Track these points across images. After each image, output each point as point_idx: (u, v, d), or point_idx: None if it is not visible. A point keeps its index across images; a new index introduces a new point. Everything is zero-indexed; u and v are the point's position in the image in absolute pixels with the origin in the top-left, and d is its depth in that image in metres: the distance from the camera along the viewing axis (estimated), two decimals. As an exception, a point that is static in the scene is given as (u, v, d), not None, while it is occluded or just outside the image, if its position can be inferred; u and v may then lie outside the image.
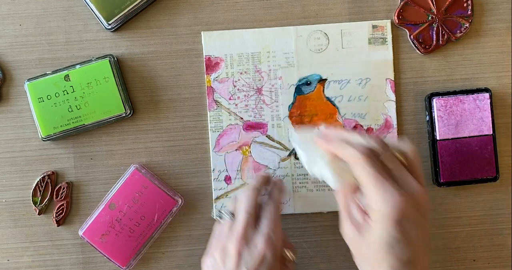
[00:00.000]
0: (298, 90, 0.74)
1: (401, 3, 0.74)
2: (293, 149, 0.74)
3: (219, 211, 0.66)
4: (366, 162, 0.56)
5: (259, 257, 0.60)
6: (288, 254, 0.64)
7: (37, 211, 0.74)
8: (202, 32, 0.74)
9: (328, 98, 0.74)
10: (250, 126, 0.74)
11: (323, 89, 0.74)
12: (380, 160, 0.57)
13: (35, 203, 0.74)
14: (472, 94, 0.73)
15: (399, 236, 0.55)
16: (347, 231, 0.59)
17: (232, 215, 0.64)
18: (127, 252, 0.72)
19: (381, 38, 0.74)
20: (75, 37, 0.74)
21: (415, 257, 0.56)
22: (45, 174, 0.74)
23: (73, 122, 0.72)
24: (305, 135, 0.65)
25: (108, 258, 0.73)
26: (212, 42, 0.74)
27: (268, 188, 0.68)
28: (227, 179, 0.74)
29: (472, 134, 0.73)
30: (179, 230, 0.75)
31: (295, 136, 0.66)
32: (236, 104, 0.74)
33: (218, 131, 0.74)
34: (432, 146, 0.73)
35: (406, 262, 0.55)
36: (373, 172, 0.55)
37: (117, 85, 0.72)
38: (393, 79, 0.74)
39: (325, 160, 0.61)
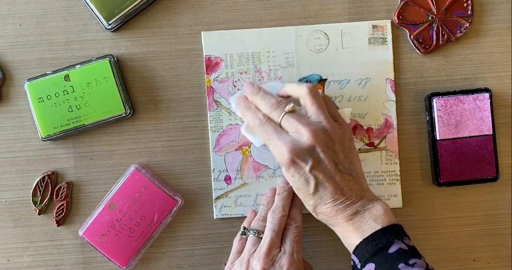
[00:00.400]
0: (298, 90, 0.74)
1: (401, 3, 0.74)
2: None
3: (244, 227, 0.69)
4: (259, 126, 0.64)
5: None
6: None
7: (37, 211, 0.74)
8: (202, 32, 0.74)
9: (328, 98, 0.74)
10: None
11: (323, 89, 0.74)
12: (272, 121, 0.64)
13: (35, 203, 0.74)
14: (472, 94, 0.73)
15: (298, 177, 0.62)
16: (284, 174, 0.65)
17: (257, 232, 0.67)
18: (127, 252, 0.72)
19: (381, 38, 0.74)
20: (75, 37, 0.74)
21: (320, 186, 0.62)
22: (45, 174, 0.74)
23: (73, 122, 0.72)
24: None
25: (108, 258, 0.73)
26: (212, 42, 0.74)
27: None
28: (227, 179, 0.74)
29: (472, 134, 0.73)
30: (179, 230, 0.75)
31: (233, 98, 0.71)
32: (236, 104, 0.74)
33: (218, 131, 0.74)
34: (432, 146, 0.73)
35: (313, 194, 0.63)
36: (263, 133, 0.64)
37: (117, 85, 0.72)
38: (393, 79, 0.74)
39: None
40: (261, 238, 0.67)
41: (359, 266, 0.61)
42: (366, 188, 0.65)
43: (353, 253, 0.62)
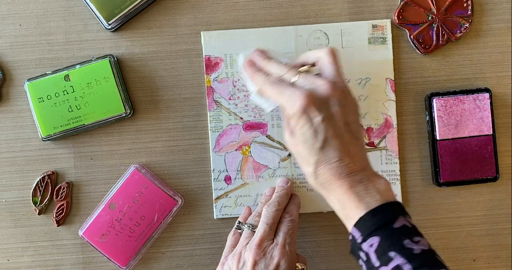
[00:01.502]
0: (298, 90, 0.74)
1: (401, 3, 0.74)
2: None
3: (239, 222, 0.70)
4: (270, 85, 0.63)
5: (274, 267, 0.63)
6: (299, 267, 0.66)
7: (37, 211, 0.74)
8: (201, 32, 0.74)
9: (328, 98, 0.74)
10: (250, 126, 0.74)
11: (323, 89, 0.74)
12: (282, 79, 0.64)
13: (35, 203, 0.74)
14: (472, 94, 0.73)
15: (308, 127, 0.60)
16: (286, 137, 0.64)
17: (251, 226, 0.68)
18: (127, 252, 0.72)
19: (381, 37, 0.74)
20: (75, 37, 0.74)
21: (328, 142, 0.60)
22: (45, 174, 0.74)
23: (73, 122, 0.72)
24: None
25: (108, 258, 0.73)
26: (212, 42, 0.74)
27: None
28: (227, 179, 0.74)
29: (472, 134, 0.73)
30: (179, 230, 0.75)
31: (241, 58, 0.71)
32: (236, 104, 0.74)
33: (218, 131, 0.74)
34: (432, 146, 0.73)
35: (320, 149, 0.60)
36: (275, 89, 0.63)
37: (117, 85, 0.72)
38: (393, 79, 0.74)
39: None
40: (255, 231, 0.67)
41: (359, 240, 0.58)
42: (369, 162, 0.63)
43: (354, 226, 0.59)
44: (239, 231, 0.69)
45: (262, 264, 0.63)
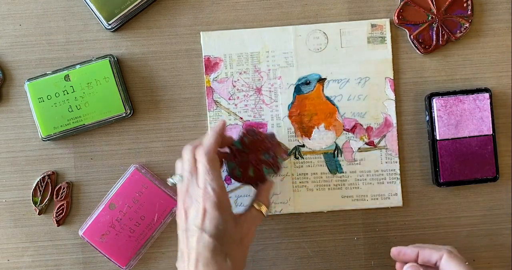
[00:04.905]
0: (298, 89, 0.74)
1: (401, 3, 0.74)
2: (293, 149, 0.74)
3: (171, 177, 0.66)
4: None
5: (201, 211, 0.61)
6: (256, 207, 0.66)
7: (37, 211, 0.74)
8: (201, 33, 0.74)
9: (327, 98, 0.74)
10: (250, 126, 0.74)
11: (323, 89, 0.74)
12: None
13: (35, 203, 0.74)
14: (472, 94, 0.73)
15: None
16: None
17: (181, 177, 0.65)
18: (127, 252, 0.72)
19: (380, 37, 0.74)
20: (75, 37, 0.74)
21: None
22: (45, 174, 0.74)
23: (73, 122, 0.72)
24: None
25: (108, 258, 0.73)
26: (211, 42, 0.74)
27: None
28: (227, 179, 0.74)
29: (472, 134, 0.73)
30: (179, 230, 0.75)
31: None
32: (235, 104, 0.74)
33: (218, 131, 0.74)
34: (432, 146, 0.73)
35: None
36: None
37: (117, 85, 0.72)
38: (392, 78, 0.74)
39: None
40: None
41: None
42: None
43: None
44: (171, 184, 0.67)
45: (192, 211, 0.62)
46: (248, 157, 0.67)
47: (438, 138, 0.73)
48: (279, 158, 0.68)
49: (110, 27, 0.73)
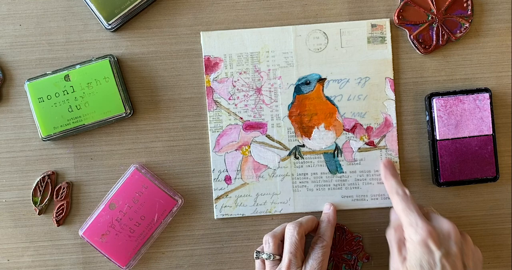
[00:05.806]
0: (298, 89, 0.74)
1: (401, 3, 0.74)
2: (293, 149, 0.74)
3: (257, 251, 0.70)
4: (398, 196, 0.66)
5: None
6: None
7: (37, 211, 0.74)
8: (201, 32, 0.74)
9: (327, 98, 0.74)
10: (250, 126, 0.74)
11: (323, 89, 0.74)
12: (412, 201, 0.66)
13: (35, 203, 0.74)
14: (472, 94, 0.73)
15: (426, 259, 0.61)
16: (396, 264, 0.64)
17: (272, 255, 0.68)
18: (127, 252, 0.72)
19: (380, 37, 0.74)
20: (75, 37, 0.74)
21: None
22: (45, 174, 0.74)
23: (73, 122, 0.72)
24: None
25: (108, 258, 0.73)
26: (211, 42, 0.74)
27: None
28: (227, 179, 0.74)
29: (472, 134, 0.73)
30: (179, 230, 0.75)
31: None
32: (235, 104, 0.74)
33: (218, 131, 0.74)
34: (432, 146, 0.73)
35: None
36: (403, 204, 0.66)
37: (117, 85, 0.72)
38: (392, 78, 0.74)
39: None
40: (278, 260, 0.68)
41: None
42: None
43: None
44: (258, 260, 0.70)
45: None
46: (332, 252, 0.72)
47: (438, 138, 0.73)
48: (360, 261, 0.73)
49: (110, 27, 0.73)
